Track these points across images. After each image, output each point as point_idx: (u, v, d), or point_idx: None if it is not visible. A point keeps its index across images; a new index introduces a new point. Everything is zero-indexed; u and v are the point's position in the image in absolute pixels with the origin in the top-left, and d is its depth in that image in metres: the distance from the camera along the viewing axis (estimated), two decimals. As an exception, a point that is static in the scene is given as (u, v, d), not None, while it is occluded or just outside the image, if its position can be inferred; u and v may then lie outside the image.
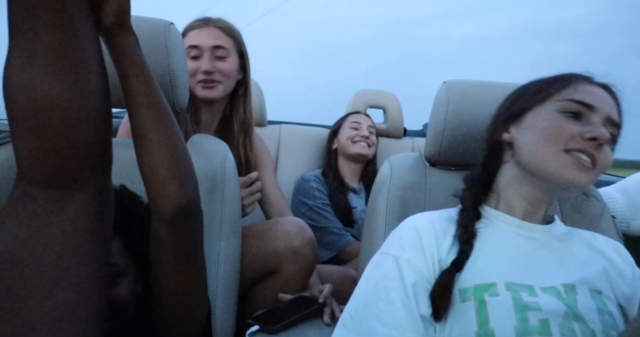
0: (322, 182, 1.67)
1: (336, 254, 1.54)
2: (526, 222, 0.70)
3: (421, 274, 0.65)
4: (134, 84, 0.56)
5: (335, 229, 1.56)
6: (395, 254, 0.68)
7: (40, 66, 0.44)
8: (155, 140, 0.56)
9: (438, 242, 0.68)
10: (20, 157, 0.48)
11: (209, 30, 1.19)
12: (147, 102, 0.57)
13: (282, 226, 1.09)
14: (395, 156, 1.02)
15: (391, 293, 0.64)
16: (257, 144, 1.31)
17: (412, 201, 0.92)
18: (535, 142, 0.68)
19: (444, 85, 0.94)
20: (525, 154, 0.69)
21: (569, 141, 0.64)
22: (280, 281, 1.07)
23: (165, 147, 0.56)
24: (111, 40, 0.56)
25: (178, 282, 0.61)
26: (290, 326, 0.89)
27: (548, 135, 0.66)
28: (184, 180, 0.58)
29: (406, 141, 2.12)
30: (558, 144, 0.65)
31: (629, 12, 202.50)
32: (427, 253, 0.66)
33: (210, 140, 0.99)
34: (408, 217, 0.75)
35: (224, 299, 0.87)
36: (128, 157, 0.91)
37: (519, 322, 0.58)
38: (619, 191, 1.23)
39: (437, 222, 0.71)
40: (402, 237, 0.70)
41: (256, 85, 1.88)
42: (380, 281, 0.66)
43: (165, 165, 0.56)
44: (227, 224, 0.91)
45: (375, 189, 0.97)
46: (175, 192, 0.56)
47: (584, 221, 0.91)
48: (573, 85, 0.69)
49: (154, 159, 0.56)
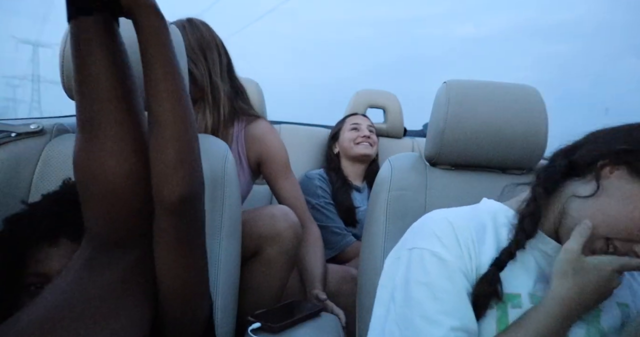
0: (326, 181, 1.68)
1: (337, 253, 1.54)
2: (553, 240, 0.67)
3: (463, 273, 0.63)
4: (155, 68, 0.56)
5: (337, 228, 1.57)
6: (433, 249, 0.64)
7: (106, 152, 0.55)
8: (170, 127, 0.56)
9: (476, 245, 0.65)
10: (90, 224, 0.58)
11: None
12: (167, 89, 0.56)
13: (268, 210, 1.10)
14: (396, 156, 1.02)
15: (440, 293, 0.61)
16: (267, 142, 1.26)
17: (412, 201, 0.92)
18: (616, 218, 0.59)
19: (444, 85, 0.94)
20: (604, 223, 0.60)
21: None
22: (261, 263, 1.07)
23: (179, 135, 0.56)
24: (134, 20, 0.56)
25: (181, 273, 0.60)
26: (291, 326, 0.89)
27: (633, 224, 0.58)
28: (192, 168, 0.58)
29: (406, 141, 2.12)
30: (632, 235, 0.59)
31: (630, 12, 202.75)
32: (464, 253, 0.64)
33: (211, 140, 0.99)
34: (434, 211, 0.72)
35: (224, 298, 0.87)
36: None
37: None
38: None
39: (473, 224, 0.67)
40: (438, 234, 0.66)
41: (256, 85, 1.88)
42: (422, 278, 0.63)
43: (177, 152, 0.56)
44: (227, 224, 0.91)
45: (375, 189, 0.98)
46: (183, 179, 0.56)
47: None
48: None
49: (167, 146, 0.56)
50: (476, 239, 0.65)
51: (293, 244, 1.09)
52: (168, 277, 0.60)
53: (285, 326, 0.87)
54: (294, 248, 1.09)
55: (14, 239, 0.65)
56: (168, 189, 0.55)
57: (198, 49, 1.19)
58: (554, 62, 35.15)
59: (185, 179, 0.56)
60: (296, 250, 1.11)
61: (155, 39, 0.56)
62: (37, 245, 0.65)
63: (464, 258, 0.63)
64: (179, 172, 0.56)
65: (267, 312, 0.92)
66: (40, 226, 0.65)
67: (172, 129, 0.56)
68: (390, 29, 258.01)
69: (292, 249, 1.09)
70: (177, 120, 0.56)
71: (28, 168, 0.88)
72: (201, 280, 0.64)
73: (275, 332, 0.86)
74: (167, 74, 0.57)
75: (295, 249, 1.10)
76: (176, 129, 0.56)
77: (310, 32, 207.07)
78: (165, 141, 0.56)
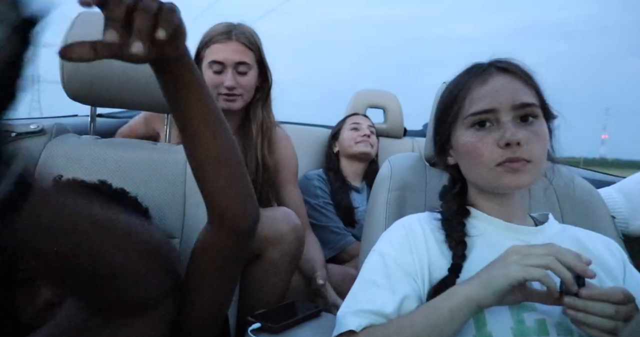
0: (325, 181, 1.69)
1: (336, 253, 1.54)
2: (513, 224, 0.71)
3: (407, 272, 0.66)
4: (195, 109, 0.54)
5: (336, 228, 1.57)
6: (381, 250, 0.70)
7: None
8: (222, 169, 0.57)
9: (428, 244, 0.69)
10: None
11: (233, 45, 1.21)
12: (210, 129, 0.55)
13: (270, 212, 1.10)
14: (395, 156, 1.02)
15: (373, 287, 0.65)
16: (281, 150, 1.32)
17: (411, 201, 0.92)
18: (468, 165, 0.71)
19: (444, 85, 0.94)
20: (468, 176, 0.73)
21: (492, 156, 0.66)
22: (263, 265, 1.08)
23: (233, 175, 0.58)
24: (162, 72, 0.52)
25: (216, 290, 0.64)
26: (291, 326, 0.89)
27: (472, 158, 0.68)
28: (253, 201, 0.61)
29: (406, 141, 2.12)
30: (485, 164, 0.66)
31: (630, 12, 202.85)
32: (414, 254, 0.67)
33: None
34: (399, 218, 0.76)
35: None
36: (128, 157, 0.91)
37: (516, 324, 0.59)
38: (618, 191, 1.23)
39: (427, 223, 0.72)
40: (390, 236, 0.72)
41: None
42: (366, 275, 0.68)
43: (245, 184, 0.59)
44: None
45: (375, 189, 0.98)
46: (254, 207, 0.60)
47: (584, 221, 0.91)
48: (469, 96, 0.70)
49: (236, 179, 0.58)
50: (434, 238, 0.69)
51: (295, 247, 1.09)
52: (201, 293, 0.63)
53: (285, 326, 0.87)
54: (296, 250, 1.10)
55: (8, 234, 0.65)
56: (245, 216, 0.59)
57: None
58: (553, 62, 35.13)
59: (255, 206, 0.61)
60: (298, 252, 1.12)
61: (191, 89, 0.53)
62: None
63: (410, 257, 0.67)
64: (250, 202, 0.60)
65: (267, 312, 0.92)
66: None
67: (225, 173, 0.57)
68: (390, 29, 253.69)
69: (294, 251, 1.09)
70: (228, 163, 0.57)
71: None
72: (229, 298, 0.68)
73: (275, 333, 0.86)
74: (209, 113, 0.55)
75: (297, 251, 1.11)
76: (238, 164, 0.58)
77: (310, 32, 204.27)
78: (233, 176, 0.58)
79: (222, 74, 1.21)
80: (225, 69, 1.21)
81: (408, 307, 0.63)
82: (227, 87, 1.20)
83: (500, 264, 0.57)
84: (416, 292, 0.65)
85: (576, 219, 0.91)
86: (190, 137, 0.55)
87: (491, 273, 0.56)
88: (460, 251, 0.66)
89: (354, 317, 0.63)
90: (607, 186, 1.28)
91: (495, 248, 0.68)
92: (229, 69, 1.20)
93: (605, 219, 0.93)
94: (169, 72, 0.51)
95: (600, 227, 0.90)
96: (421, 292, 0.65)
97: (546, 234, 0.71)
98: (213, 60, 1.20)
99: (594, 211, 0.94)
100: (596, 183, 1.09)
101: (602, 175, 1.88)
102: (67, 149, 0.91)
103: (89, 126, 1.08)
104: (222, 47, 1.20)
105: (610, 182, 1.38)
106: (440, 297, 0.59)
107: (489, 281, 0.55)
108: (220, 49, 1.21)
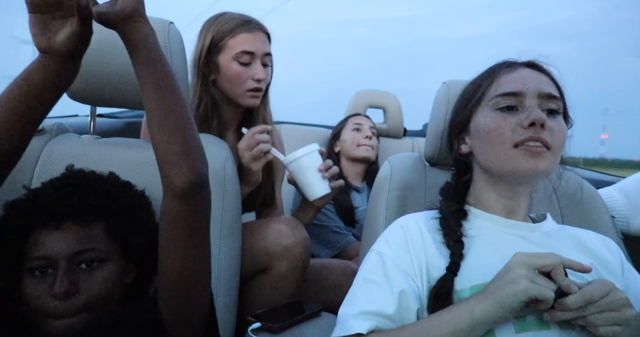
0: None
1: (336, 253, 1.54)
2: (512, 220, 0.71)
3: (405, 272, 0.66)
4: (143, 70, 0.60)
5: (336, 228, 1.57)
6: (379, 250, 0.70)
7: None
8: (163, 122, 0.59)
9: (425, 244, 0.69)
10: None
11: (260, 35, 1.15)
12: (154, 86, 0.60)
13: (274, 224, 1.09)
14: (395, 156, 1.02)
15: (372, 286, 0.66)
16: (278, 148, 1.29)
17: (412, 201, 0.92)
18: (485, 147, 0.70)
19: (444, 85, 0.94)
20: (483, 160, 0.72)
21: (512, 136, 0.66)
22: (272, 279, 1.07)
23: (174, 129, 0.59)
24: (121, 31, 0.60)
25: (184, 260, 0.61)
26: (291, 326, 0.89)
27: (492, 137, 0.68)
28: (199, 155, 0.61)
29: (406, 141, 2.12)
30: (504, 143, 0.67)
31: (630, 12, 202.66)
32: (412, 253, 0.68)
33: (211, 140, 0.99)
34: (398, 218, 0.76)
35: (224, 297, 0.87)
36: (128, 157, 0.91)
37: (517, 320, 0.60)
38: (619, 190, 1.23)
39: (424, 222, 0.72)
40: (388, 236, 0.72)
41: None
42: (365, 274, 0.68)
43: (174, 145, 0.59)
44: (227, 224, 0.91)
45: (375, 189, 0.98)
46: (187, 169, 0.58)
47: (584, 221, 0.91)
48: (496, 80, 0.71)
49: (163, 139, 0.59)
50: (431, 237, 0.69)
51: (303, 259, 1.08)
52: (170, 263, 0.61)
53: (285, 326, 0.87)
54: (303, 263, 1.09)
55: (16, 223, 0.66)
56: (179, 176, 0.58)
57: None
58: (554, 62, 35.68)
59: (195, 166, 0.59)
60: (305, 264, 1.11)
61: (141, 46, 0.60)
62: (40, 229, 0.65)
63: (408, 257, 0.67)
64: (187, 160, 0.59)
65: (267, 312, 0.92)
66: (42, 209, 0.66)
67: (167, 126, 0.59)
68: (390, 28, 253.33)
69: (302, 264, 1.09)
70: (170, 118, 0.60)
71: (28, 167, 0.88)
72: (202, 270, 0.65)
73: (275, 332, 0.86)
74: (156, 73, 0.60)
75: (304, 263, 1.10)
76: (171, 126, 0.60)
77: (310, 32, 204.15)
78: (163, 136, 0.59)
79: (249, 66, 1.13)
80: (254, 61, 1.14)
81: (407, 304, 0.63)
82: (258, 80, 1.13)
83: (508, 278, 0.56)
84: (414, 291, 0.65)
85: (576, 218, 0.91)
86: (143, 91, 0.60)
87: (504, 291, 0.56)
88: (458, 249, 0.66)
89: (358, 320, 0.63)
90: (607, 186, 1.28)
91: (494, 246, 0.68)
92: (257, 60, 1.14)
93: (605, 219, 0.94)
94: (121, 32, 0.60)
95: (600, 227, 0.90)
96: (420, 292, 0.65)
97: (544, 231, 0.72)
98: (243, 51, 1.12)
99: (594, 210, 0.94)
100: (596, 183, 1.09)
101: (602, 175, 1.88)
102: (67, 149, 0.92)
103: (89, 126, 1.07)
104: (251, 37, 1.13)
105: (610, 182, 1.38)
106: (457, 310, 0.59)
107: (503, 301, 0.56)
108: (249, 39, 1.13)
